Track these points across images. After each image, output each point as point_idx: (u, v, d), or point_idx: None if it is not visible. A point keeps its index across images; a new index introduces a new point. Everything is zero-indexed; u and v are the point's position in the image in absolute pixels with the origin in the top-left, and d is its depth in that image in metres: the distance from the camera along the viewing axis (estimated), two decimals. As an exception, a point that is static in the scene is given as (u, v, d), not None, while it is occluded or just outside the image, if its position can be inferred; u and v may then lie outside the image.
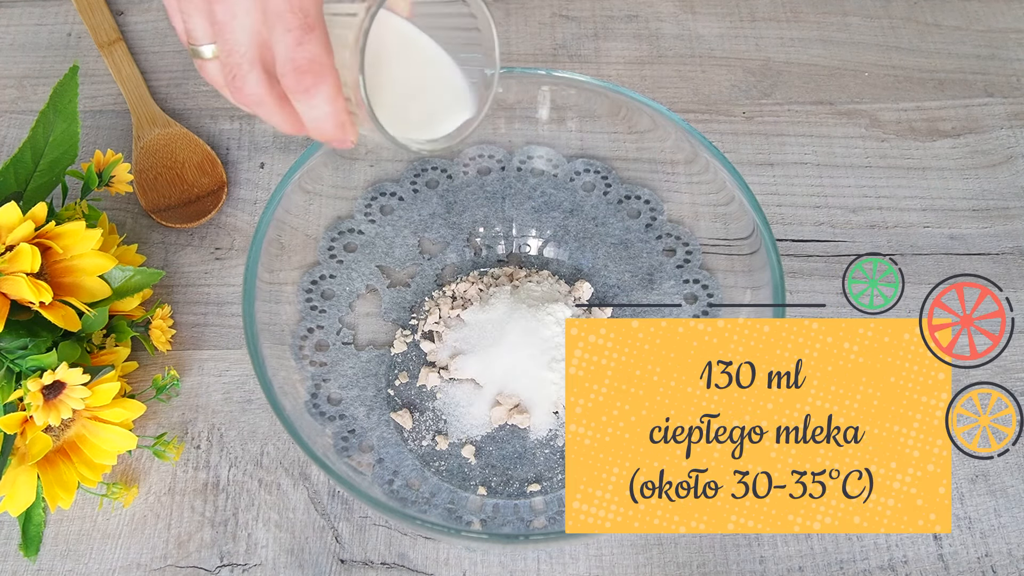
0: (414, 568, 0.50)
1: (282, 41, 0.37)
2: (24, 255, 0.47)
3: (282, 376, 0.49)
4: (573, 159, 0.59)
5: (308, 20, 0.36)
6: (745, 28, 0.71)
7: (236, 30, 0.37)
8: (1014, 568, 0.50)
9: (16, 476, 0.48)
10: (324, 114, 0.38)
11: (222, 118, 0.66)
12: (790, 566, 0.50)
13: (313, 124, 0.39)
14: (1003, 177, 0.64)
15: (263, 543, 0.51)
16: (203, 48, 0.40)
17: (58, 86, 0.54)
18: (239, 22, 0.37)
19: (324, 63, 0.37)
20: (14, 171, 0.53)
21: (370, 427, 0.52)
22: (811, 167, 0.64)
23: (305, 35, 0.36)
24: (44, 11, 0.72)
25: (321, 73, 0.37)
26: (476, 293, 0.57)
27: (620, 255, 0.58)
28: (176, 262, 0.60)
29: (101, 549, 0.51)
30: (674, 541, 0.51)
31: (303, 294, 0.55)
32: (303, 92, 0.37)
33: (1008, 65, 0.69)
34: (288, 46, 0.37)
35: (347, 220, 0.57)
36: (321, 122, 0.39)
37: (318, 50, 0.37)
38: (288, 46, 0.37)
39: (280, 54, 0.37)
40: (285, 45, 0.37)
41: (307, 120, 0.39)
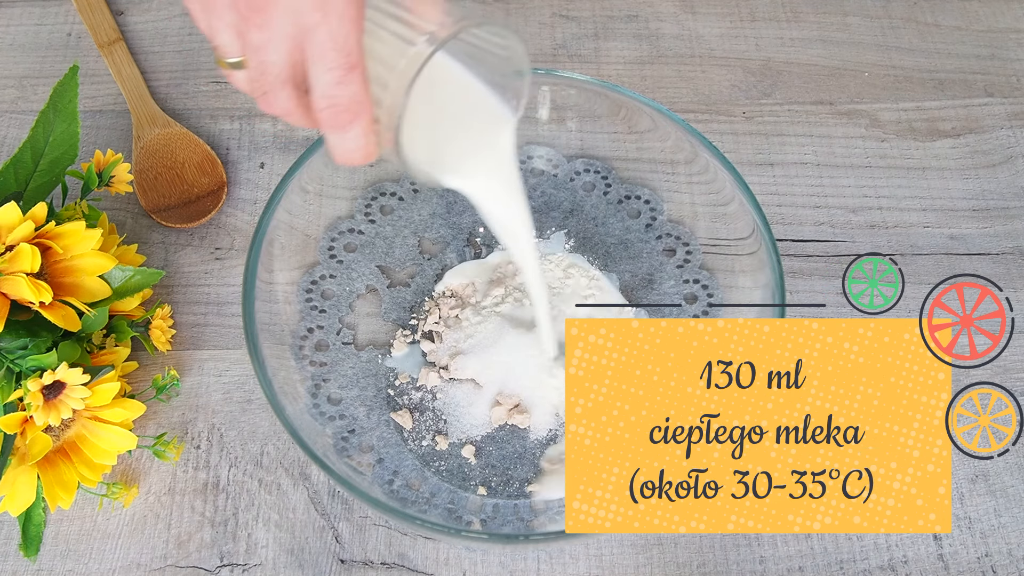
0: (414, 568, 0.50)
1: (323, 79, 0.36)
2: (24, 255, 0.47)
3: (282, 376, 0.49)
4: (573, 159, 0.59)
5: (351, 59, 0.36)
6: (745, 28, 0.71)
7: (271, 53, 0.37)
8: (1014, 568, 0.50)
9: (16, 476, 0.48)
10: (356, 146, 0.38)
11: (222, 118, 0.66)
12: (790, 566, 0.50)
13: (341, 152, 0.39)
14: (1003, 177, 0.64)
15: (263, 543, 0.51)
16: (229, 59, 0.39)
17: (58, 86, 0.54)
18: (274, 47, 0.36)
19: (362, 101, 0.37)
20: (14, 171, 0.53)
21: (370, 427, 0.52)
22: (811, 167, 0.64)
23: (347, 75, 0.36)
24: (44, 11, 0.72)
25: (359, 112, 0.37)
26: (473, 291, 0.57)
27: (620, 255, 0.58)
28: (176, 262, 0.60)
29: (101, 549, 0.51)
30: (674, 541, 0.51)
31: (303, 294, 0.55)
32: (339, 128, 0.37)
33: (1008, 65, 0.69)
34: (328, 84, 0.36)
35: (347, 220, 0.57)
36: (351, 153, 0.39)
37: (358, 90, 0.36)
38: (328, 84, 0.36)
39: (318, 89, 0.37)
40: (325, 83, 0.36)
41: (335, 148, 0.39)
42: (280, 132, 0.65)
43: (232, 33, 0.37)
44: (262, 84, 0.38)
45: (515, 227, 0.47)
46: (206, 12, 0.37)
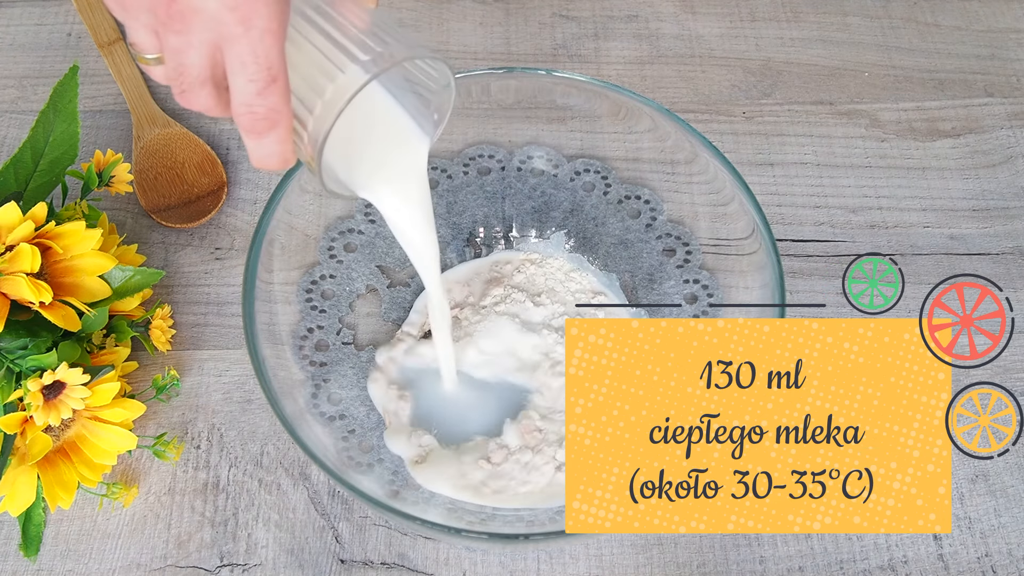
0: (414, 568, 0.50)
1: (243, 89, 0.36)
2: (24, 255, 0.47)
3: (282, 376, 0.49)
4: (573, 159, 0.59)
5: (272, 72, 0.36)
6: (745, 28, 0.71)
7: (190, 56, 0.36)
8: (1014, 568, 0.50)
9: (16, 476, 0.48)
10: (271, 152, 0.38)
11: (222, 118, 0.66)
12: (790, 566, 0.50)
13: (257, 157, 0.39)
14: (1003, 177, 0.64)
15: (263, 543, 0.51)
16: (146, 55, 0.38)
17: (58, 86, 0.54)
18: (194, 51, 0.36)
19: (282, 112, 0.37)
20: (14, 171, 0.53)
21: (370, 427, 0.52)
22: (811, 167, 0.64)
23: (267, 87, 0.36)
24: (44, 11, 0.72)
25: (277, 121, 0.37)
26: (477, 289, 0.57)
27: (620, 255, 0.58)
28: (176, 262, 0.60)
29: (101, 549, 0.51)
30: (674, 541, 0.51)
31: (303, 294, 0.55)
32: (256, 134, 0.37)
33: (1008, 65, 0.69)
34: (248, 93, 0.36)
35: (347, 220, 0.57)
36: (267, 159, 0.38)
37: (278, 101, 0.36)
38: (248, 93, 0.36)
39: (237, 97, 0.36)
40: (245, 92, 0.36)
41: (251, 152, 0.38)
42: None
43: (149, 33, 0.37)
44: (180, 83, 0.37)
45: (422, 248, 0.47)
46: (123, 11, 0.37)
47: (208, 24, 0.35)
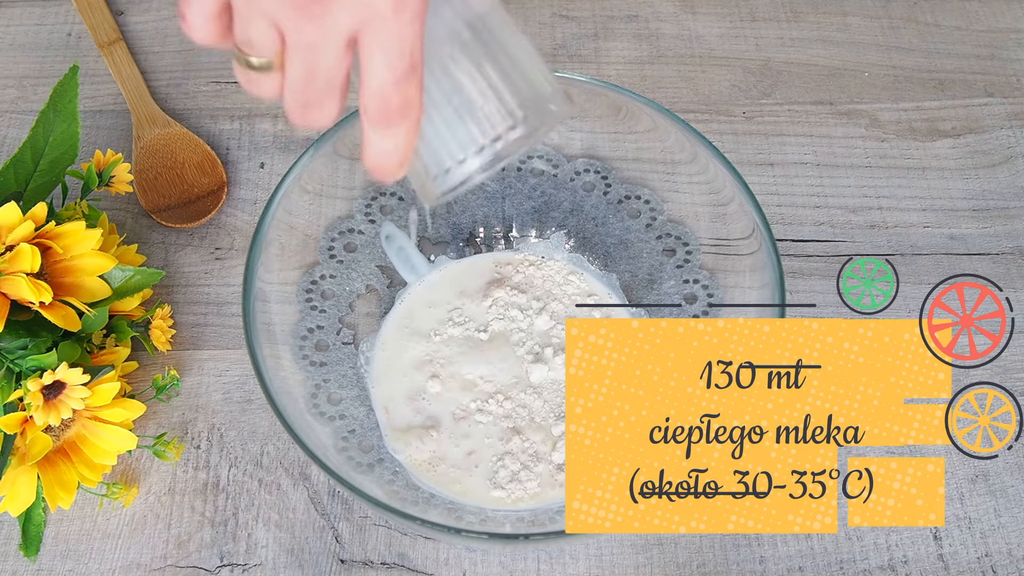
0: (414, 568, 0.50)
1: (379, 76, 0.33)
2: (24, 255, 0.47)
3: (282, 376, 0.49)
4: (573, 159, 0.59)
5: (413, 60, 0.33)
6: (745, 28, 0.71)
7: (326, 53, 0.32)
8: (1014, 568, 0.50)
9: (16, 476, 0.48)
10: (394, 147, 0.35)
11: (222, 118, 0.66)
12: (790, 566, 0.50)
13: (375, 153, 0.35)
14: (1003, 177, 0.64)
15: (263, 543, 0.51)
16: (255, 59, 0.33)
17: (58, 86, 0.54)
18: (332, 45, 0.32)
19: (416, 104, 0.34)
20: (14, 171, 0.53)
21: (370, 427, 0.52)
22: (811, 167, 0.64)
23: (407, 77, 0.33)
24: (44, 11, 0.72)
25: (409, 114, 0.34)
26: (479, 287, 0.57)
27: (620, 255, 0.58)
28: (176, 262, 0.60)
29: (101, 549, 0.51)
30: (674, 541, 0.51)
31: (303, 294, 0.55)
32: (384, 124, 0.34)
33: (1008, 65, 0.69)
34: (385, 82, 0.33)
35: (347, 220, 0.57)
36: (388, 154, 0.35)
37: (414, 93, 0.34)
38: (385, 82, 0.33)
39: (372, 85, 0.33)
40: (382, 81, 0.33)
41: (371, 147, 0.35)
42: (280, 132, 0.65)
43: (270, 26, 0.32)
44: (305, 93, 0.33)
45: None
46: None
47: (354, 7, 0.31)
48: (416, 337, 0.55)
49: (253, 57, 0.33)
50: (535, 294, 0.57)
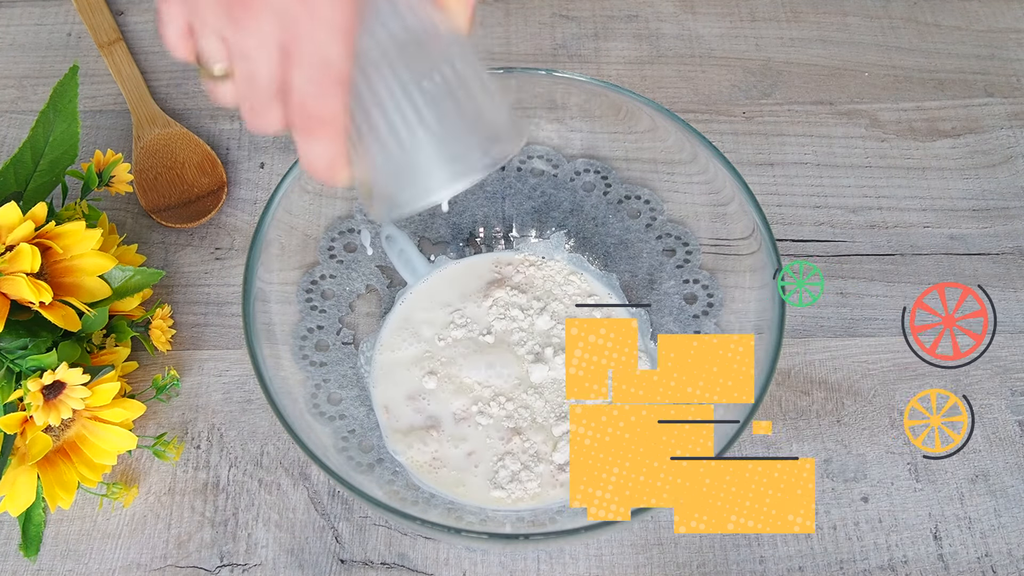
0: (414, 568, 0.50)
1: (299, 88, 0.35)
2: (24, 255, 0.47)
3: (282, 376, 0.49)
4: (573, 159, 0.59)
5: (335, 76, 0.34)
6: (745, 28, 0.71)
7: (259, 59, 0.34)
8: (1014, 568, 0.50)
9: (16, 476, 0.48)
10: (321, 154, 0.37)
11: (222, 118, 0.66)
12: (790, 566, 0.50)
13: (305, 159, 0.37)
14: (1003, 177, 0.64)
15: (263, 543, 0.51)
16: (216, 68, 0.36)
17: (58, 86, 0.54)
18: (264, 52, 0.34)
19: (338, 118, 0.35)
20: (14, 171, 0.53)
21: (370, 427, 0.52)
22: (811, 167, 0.64)
23: (329, 91, 0.35)
24: (44, 11, 0.72)
25: (331, 127, 0.36)
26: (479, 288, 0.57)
27: (620, 255, 0.58)
28: (176, 262, 0.60)
29: (101, 549, 0.51)
30: (674, 541, 0.51)
31: (303, 294, 0.55)
32: (306, 132, 0.36)
33: (1008, 65, 0.69)
34: (308, 94, 0.35)
35: (347, 220, 0.57)
36: (317, 159, 0.37)
37: (337, 107, 0.35)
38: (308, 94, 0.35)
39: (293, 96, 0.35)
40: (302, 93, 0.35)
41: (299, 151, 0.37)
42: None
43: (216, 37, 0.35)
44: (250, 98, 0.36)
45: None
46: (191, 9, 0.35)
47: (276, 13, 0.33)
48: (416, 337, 0.55)
49: (216, 66, 0.36)
50: (535, 294, 0.57)
